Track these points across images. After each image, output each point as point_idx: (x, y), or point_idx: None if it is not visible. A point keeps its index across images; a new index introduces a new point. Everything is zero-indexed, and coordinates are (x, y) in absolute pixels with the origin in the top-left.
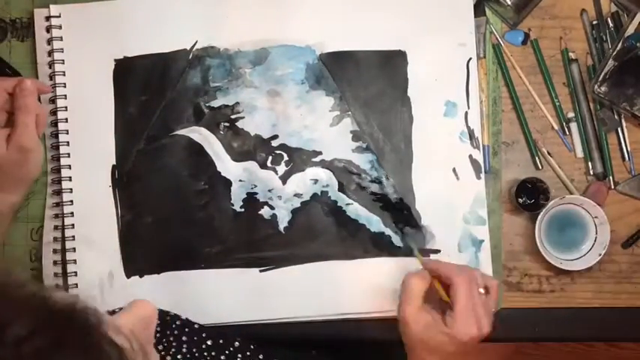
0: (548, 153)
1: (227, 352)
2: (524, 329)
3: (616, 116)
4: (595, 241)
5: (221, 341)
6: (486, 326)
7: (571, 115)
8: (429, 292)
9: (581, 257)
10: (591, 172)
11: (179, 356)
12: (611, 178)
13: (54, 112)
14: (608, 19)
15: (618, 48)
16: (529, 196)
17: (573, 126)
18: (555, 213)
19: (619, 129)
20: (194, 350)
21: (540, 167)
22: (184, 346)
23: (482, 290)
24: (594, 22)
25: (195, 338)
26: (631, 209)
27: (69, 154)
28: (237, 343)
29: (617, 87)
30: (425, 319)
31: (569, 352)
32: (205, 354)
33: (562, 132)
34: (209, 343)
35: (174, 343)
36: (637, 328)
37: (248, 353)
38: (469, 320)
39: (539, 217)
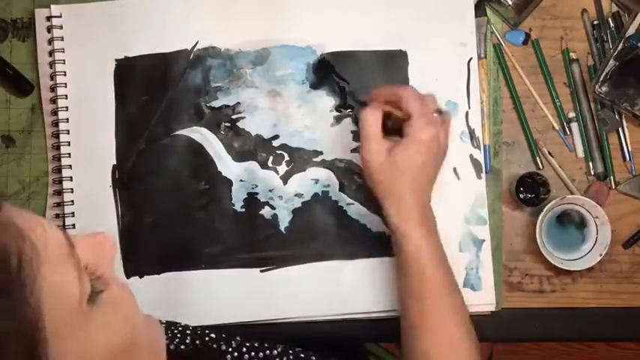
0: (549, 153)
1: (232, 342)
2: (525, 329)
3: (617, 116)
4: (596, 241)
5: (224, 335)
6: (442, 136)
7: (572, 115)
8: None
9: (582, 257)
10: (592, 172)
11: (182, 347)
12: (611, 178)
13: (55, 112)
14: (609, 19)
15: (619, 48)
16: (529, 191)
17: (574, 126)
18: (556, 213)
19: (620, 129)
20: (197, 342)
21: (541, 167)
22: (188, 338)
23: (436, 114)
24: (595, 22)
25: (198, 332)
26: (632, 209)
27: (70, 154)
28: (238, 338)
29: (618, 87)
30: (387, 146)
31: (569, 352)
32: (210, 344)
33: (563, 132)
34: (212, 335)
35: (178, 335)
36: (637, 328)
37: (249, 344)
38: (425, 120)
39: (540, 217)
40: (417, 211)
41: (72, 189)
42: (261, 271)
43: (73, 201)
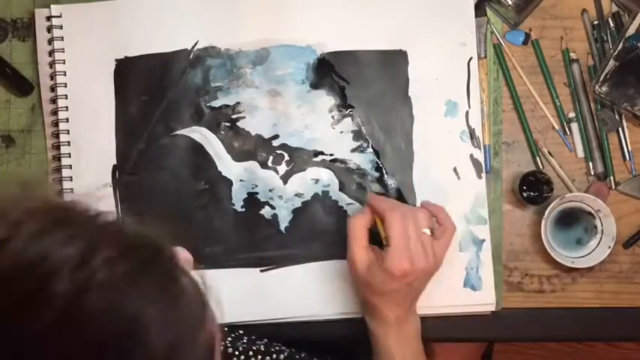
0: (549, 153)
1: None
2: (525, 329)
3: (617, 116)
4: (602, 234)
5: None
6: (420, 261)
7: (572, 115)
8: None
9: (592, 252)
10: (592, 172)
11: None
12: (611, 178)
13: (54, 112)
14: (609, 19)
15: (619, 48)
16: (532, 190)
17: (574, 126)
18: (558, 213)
19: (620, 129)
20: None
21: (541, 167)
22: None
23: (427, 231)
24: (595, 22)
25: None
26: (632, 209)
27: (69, 154)
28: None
29: (618, 87)
30: (368, 258)
31: (569, 352)
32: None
33: (563, 132)
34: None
35: None
36: (637, 328)
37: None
38: (401, 254)
39: (544, 219)
40: (394, 320)
41: (72, 189)
42: (261, 271)
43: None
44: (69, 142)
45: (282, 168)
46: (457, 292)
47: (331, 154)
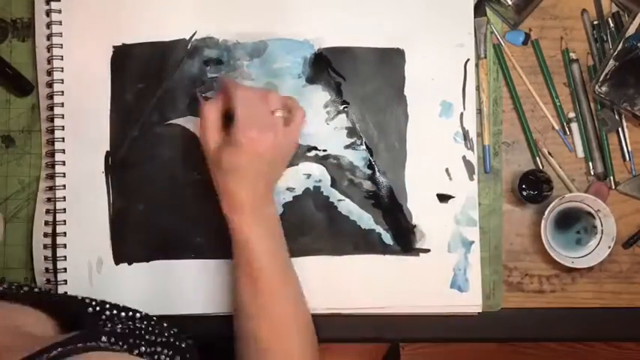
0: (549, 153)
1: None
2: (525, 329)
3: (617, 116)
4: (602, 234)
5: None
6: (268, 132)
7: (572, 115)
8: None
9: (591, 253)
10: (592, 173)
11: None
12: (611, 178)
13: (50, 97)
14: (609, 19)
15: (619, 48)
16: (532, 189)
17: (574, 126)
18: (558, 213)
19: (620, 129)
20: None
21: (541, 167)
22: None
23: (278, 112)
24: (595, 23)
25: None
26: (632, 209)
27: (63, 138)
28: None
29: (618, 87)
30: (220, 137)
31: (569, 352)
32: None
33: (563, 132)
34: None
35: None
36: (637, 328)
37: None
38: (247, 123)
39: (543, 219)
40: (248, 204)
41: (64, 173)
42: None
43: (64, 185)
44: (64, 126)
45: None
46: (443, 292)
47: (324, 150)
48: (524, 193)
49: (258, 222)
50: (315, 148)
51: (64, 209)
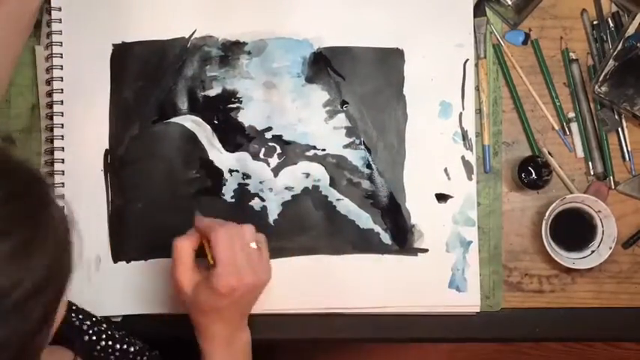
0: (549, 153)
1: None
2: (525, 329)
3: (616, 116)
4: (603, 234)
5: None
6: (248, 276)
7: (571, 115)
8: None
9: (592, 254)
10: (592, 172)
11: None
12: (611, 178)
13: (49, 94)
14: (609, 19)
15: (619, 48)
16: (532, 175)
17: (574, 126)
18: (558, 214)
19: (619, 129)
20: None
21: None
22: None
23: (253, 244)
24: (595, 22)
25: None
26: (631, 209)
27: (62, 136)
28: (104, 326)
29: (618, 87)
30: (195, 279)
31: (569, 352)
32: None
33: (562, 132)
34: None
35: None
36: (637, 328)
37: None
38: (228, 271)
39: (544, 220)
40: (222, 336)
41: (63, 171)
42: None
43: (63, 183)
44: (63, 124)
45: (274, 160)
46: (442, 292)
47: (323, 149)
48: (525, 180)
49: (229, 349)
50: (314, 148)
51: (63, 207)
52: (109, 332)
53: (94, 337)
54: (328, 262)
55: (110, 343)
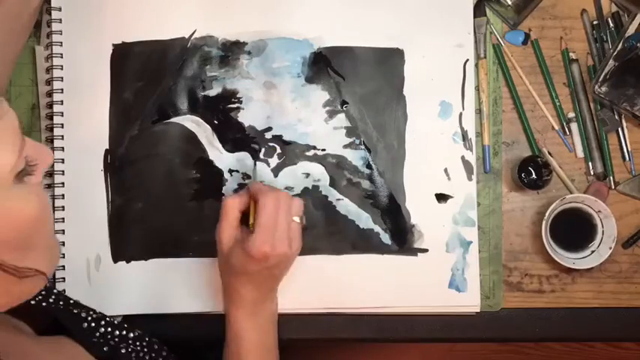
0: (549, 153)
1: (91, 312)
2: (525, 329)
3: (616, 116)
4: (603, 234)
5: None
6: (282, 247)
7: (571, 115)
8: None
9: (592, 254)
10: (592, 173)
11: (44, 303)
12: (611, 178)
13: (49, 94)
14: (609, 20)
15: (619, 48)
16: (532, 175)
17: (574, 126)
18: (558, 214)
19: (619, 129)
20: (60, 303)
21: None
22: (52, 297)
23: (296, 218)
24: (595, 23)
25: (62, 295)
26: (631, 209)
27: (62, 136)
28: (99, 312)
29: (618, 87)
30: (234, 237)
31: (569, 352)
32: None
33: (562, 132)
34: (73, 301)
35: (43, 292)
36: (637, 328)
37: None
38: (264, 237)
39: (544, 220)
40: (250, 302)
41: (63, 171)
42: None
43: (63, 183)
44: (63, 124)
45: (274, 160)
46: (442, 292)
47: (323, 149)
48: (525, 180)
49: (255, 318)
50: (314, 148)
51: (63, 207)
52: (108, 319)
53: (93, 324)
54: (328, 262)
55: (109, 329)
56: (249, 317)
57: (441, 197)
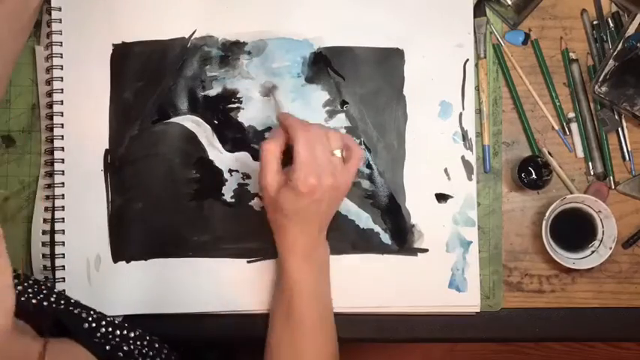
0: (549, 153)
1: (92, 312)
2: (525, 329)
3: (616, 116)
4: (603, 234)
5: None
6: (327, 178)
7: (571, 115)
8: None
9: (592, 254)
10: (592, 173)
11: (45, 303)
12: (611, 178)
13: (49, 95)
14: (609, 20)
15: (619, 48)
16: (532, 175)
17: (574, 126)
18: (559, 215)
19: (619, 129)
20: (62, 302)
21: None
22: (53, 296)
23: (337, 152)
24: (595, 23)
25: (63, 296)
26: (631, 209)
27: (62, 136)
28: (99, 312)
29: (618, 87)
30: (278, 180)
31: (569, 352)
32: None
33: (562, 132)
34: (73, 301)
35: (44, 291)
36: (637, 328)
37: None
38: (307, 169)
39: (544, 220)
40: (301, 245)
41: (63, 171)
42: (248, 262)
43: (63, 183)
44: (63, 124)
45: None
46: (442, 292)
47: None
48: (525, 180)
49: (309, 266)
50: None
51: (63, 207)
52: (108, 319)
53: (94, 324)
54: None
55: (110, 329)
56: (302, 262)
57: (441, 197)
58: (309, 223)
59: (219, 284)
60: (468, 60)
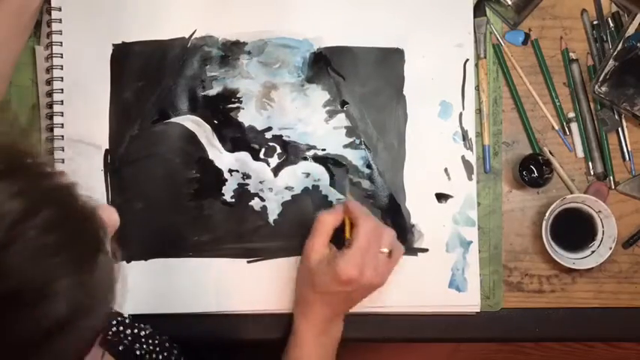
0: (550, 153)
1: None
2: (525, 329)
3: (616, 116)
4: (603, 234)
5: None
6: (369, 274)
7: (571, 115)
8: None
9: (593, 254)
10: (592, 172)
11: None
12: (611, 178)
13: (49, 94)
14: (609, 19)
15: (619, 48)
16: (533, 173)
17: (574, 126)
18: (559, 214)
19: (619, 129)
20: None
21: None
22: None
23: (385, 250)
24: (595, 22)
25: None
26: (631, 209)
27: (62, 136)
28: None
29: (618, 87)
30: (322, 253)
31: (569, 352)
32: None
33: (562, 132)
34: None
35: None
36: (637, 328)
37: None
38: (354, 261)
39: (544, 220)
40: (320, 320)
41: (63, 171)
42: (248, 262)
43: None
44: (63, 124)
45: (274, 160)
46: (442, 292)
47: (323, 149)
48: (526, 178)
49: (321, 337)
50: (315, 148)
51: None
52: (119, 318)
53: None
54: None
55: (121, 328)
56: (317, 334)
57: (441, 197)
58: (334, 305)
59: (219, 284)
60: (468, 60)
